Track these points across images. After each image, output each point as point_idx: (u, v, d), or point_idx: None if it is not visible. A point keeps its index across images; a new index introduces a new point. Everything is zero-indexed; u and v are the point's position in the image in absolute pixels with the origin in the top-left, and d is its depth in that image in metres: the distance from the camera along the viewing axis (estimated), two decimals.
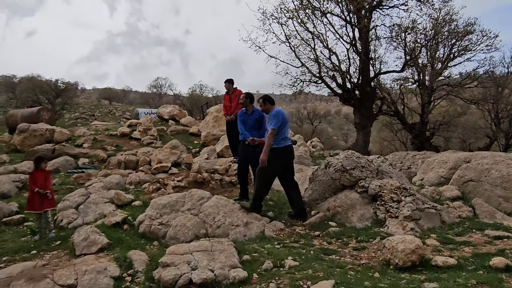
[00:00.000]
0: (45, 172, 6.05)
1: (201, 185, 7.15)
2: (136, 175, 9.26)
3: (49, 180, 6.00)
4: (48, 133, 14.73)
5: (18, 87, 57.96)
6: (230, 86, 8.79)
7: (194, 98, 57.95)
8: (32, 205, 5.80)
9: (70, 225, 6.27)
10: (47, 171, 6.20)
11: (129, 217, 5.90)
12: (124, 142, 14.73)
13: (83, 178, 9.96)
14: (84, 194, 7.20)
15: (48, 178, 5.99)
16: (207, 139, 14.11)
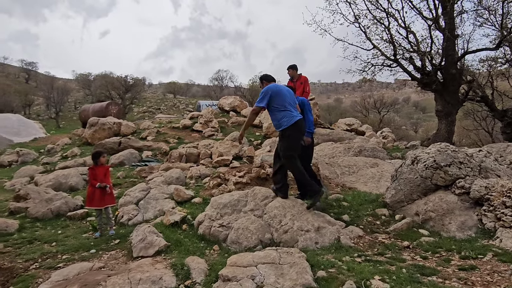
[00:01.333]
0: (105, 168, 5.82)
1: (265, 182, 6.52)
2: (197, 168, 8.92)
3: (108, 175, 5.76)
4: (115, 127, 15.16)
5: (93, 84, 62.46)
6: (294, 73, 8.01)
7: (255, 89, 57.90)
8: (92, 200, 5.60)
9: (130, 221, 6.02)
10: (107, 166, 5.97)
11: (188, 216, 5.46)
12: (186, 135, 14.67)
13: (145, 172, 9.89)
14: (145, 189, 6.95)
15: (107, 173, 5.76)
16: (269, 130, 13.49)
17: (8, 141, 16.13)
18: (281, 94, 5.00)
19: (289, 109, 4.94)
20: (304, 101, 5.59)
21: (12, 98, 54.02)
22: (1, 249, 5.16)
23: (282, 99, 4.97)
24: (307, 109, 5.49)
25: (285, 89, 5.14)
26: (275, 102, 4.97)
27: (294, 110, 5.00)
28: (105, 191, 5.59)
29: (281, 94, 5.01)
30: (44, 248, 5.13)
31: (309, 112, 5.49)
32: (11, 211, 6.71)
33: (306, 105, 5.53)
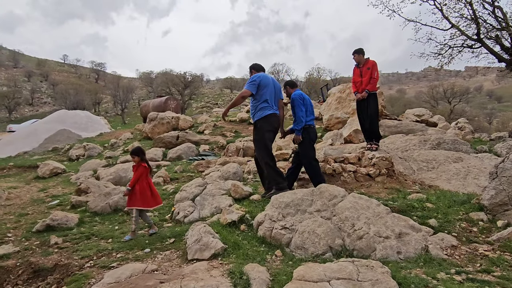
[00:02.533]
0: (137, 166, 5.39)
1: (331, 178, 5.83)
2: (253, 163, 8.44)
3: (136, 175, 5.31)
4: (174, 121, 15.28)
5: (155, 81, 65.34)
6: (360, 58, 7.16)
7: (312, 82, 56.59)
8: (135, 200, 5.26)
9: (186, 219, 5.69)
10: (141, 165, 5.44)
11: (246, 215, 4.97)
12: (243, 128, 14.34)
13: (202, 166, 9.66)
14: (201, 185, 6.61)
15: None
16: (330, 122, 12.65)
17: (77, 136, 17.04)
18: (268, 87, 5.17)
19: (270, 104, 5.17)
20: (292, 97, 5.45)
21: (83, 97, 58.30)
22: (60, 244, 5.08)
23: (267, 93, 5.14)
24: (295, 105, 5.35)
25: (272, 83, 5.28)
26: (260, 92, 5.14)
27: (274, 105, 5.24)
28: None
29: (268, 87, 5.17)
30: (100, 245, 4.95)
31: (297, 108, 5.33)
32: (73, 205, 6.75)
33: (294, 100, 5.39)
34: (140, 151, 5.40)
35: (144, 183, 5.31)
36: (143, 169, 5.33)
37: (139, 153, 5.37)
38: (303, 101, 5.37)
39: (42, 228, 5.58)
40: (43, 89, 68.36)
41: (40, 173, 10.65)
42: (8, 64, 78.53)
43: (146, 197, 5.27)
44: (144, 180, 5.33)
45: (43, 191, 8.61)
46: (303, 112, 5.31)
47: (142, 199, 5.23)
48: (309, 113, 5.38)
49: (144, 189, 5.27)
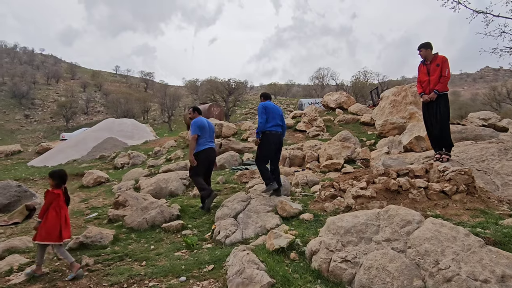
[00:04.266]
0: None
1: (396, 195, 4.92)
2: (303, 174, 7.67)
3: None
4: (217, 128, 14.87)
5: (200, 89, 66.54)
6: (428, 53, 6.17)
7: (358, 86, 54.64)
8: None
9: (228, 239, 5.04)
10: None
11: (297, 239, 4.22)
12: (289, 135, 13.57)
13: (246, 176, 9.03)
14: (244, 200, 5.96)
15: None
16: (385, 128, 11.55)
17: (123, 144, 17.20)
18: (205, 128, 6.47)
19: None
20: (258, 107, 6.17)
21: (133, 105, 60.65)
22: (91, 265, 4.62)
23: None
24: (258, 113, 6.10)
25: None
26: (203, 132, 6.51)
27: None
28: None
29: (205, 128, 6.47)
30: (133, 269, 4.43)
31: (258, 116, 6.04)
32: (110, 219, 6.37)
33: (258, 109, 6.14)
34: (57, 175, 4.48)
35: (53, 213, 4.35)
36: (51, 196, 4.36)
37: (54, 177, 4.48)
38: (265, 110, 5.96)
39: (75, 245, 5.19)
40: (97, 99, 72.07)
41: (85, 182, 10.60)
42: (66, 76, 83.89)
43: (53, 230, 4.28)
44: (53, 209, 4.36)
45: (84, 201, 8.41)
46: (263, 120, 5.92)
47: (49, 232, 4.29)
48: (270, 120, 5.96)
49: (51, 220, 4.32)
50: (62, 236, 4.37)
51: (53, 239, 4.33)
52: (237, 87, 60.19)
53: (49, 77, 77.66)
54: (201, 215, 6.49)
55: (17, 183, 8.38)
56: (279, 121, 6.05)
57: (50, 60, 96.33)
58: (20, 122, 59.59)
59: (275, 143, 5.98)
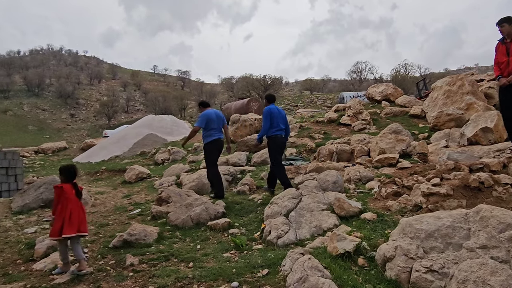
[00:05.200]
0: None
1: (477, 193, 4.24)
2: (355, 169, 7.07)
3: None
4: (256, 123, 14.48)
5: (235, 86, 66.75)
6: (511, 29, 5.33)
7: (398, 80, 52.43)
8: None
9: (280, 240, 4.59)
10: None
11: (363, 242, 3.68)
12: (333, 129, 12.93)
13: (291, 172, 8.54)
14: (295, 197, 5.48)
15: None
16: (439, 120, 10.64)
17: (163, 140, 17.24)
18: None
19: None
20: (263, 111, 6.50)
21: (171, 103, 61.87)
22: (136, 265, 4.33)
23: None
24: (263, 118, 6.43)
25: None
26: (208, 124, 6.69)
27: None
28: None
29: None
30: (180, 270, 4.09)
31: (263, 121, 6.41)
32: (153, 215, 6.11)
33: (263, 114, 6.48)
34: (66, 170, 4.26)
35: (60, 207, 4.16)
36: (58, 191, 4.16)
37: (62, 172, 4.27)
38: (270, 115, 6.28)
39: (119, 243, 4.94)
40: (136, 97, 74.22)
41: (127, 178, 10.55)
42: (108, 76, 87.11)
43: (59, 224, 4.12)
44: (64, 204, 4.14)
45: (127, 197, 8.28)
46: (267, 125, 6.30)
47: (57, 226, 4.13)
48: (274, 126, 6.32)
49: (60, 215, 4.14)
50: (63, 232, 4.12)
51: (51, 234, 4.14)
52: (272, 83, 59.79)
53: (92, 77, 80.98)
54: (248, 212, 6.09)
55: None
56: (282, 125, 6.42)
57: (92, 61, 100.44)
58: (66, 121, 62.54)
59: (279, 144, 6.42)
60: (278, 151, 6.43)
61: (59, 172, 4.32)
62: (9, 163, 9.77)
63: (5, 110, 58.76)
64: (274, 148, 6.39)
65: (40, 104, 65.50)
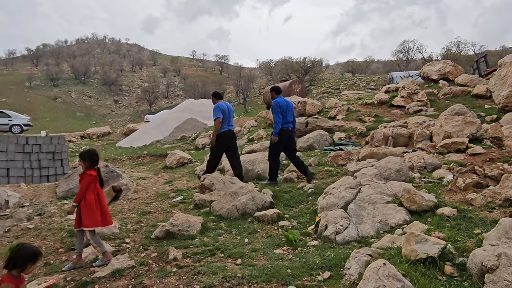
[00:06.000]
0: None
1: None
2: (418, 156, 6.28)
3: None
4: (300, 106, 13.80)
5: (274, 69, 65.72)
6: None
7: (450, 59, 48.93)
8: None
9: (339, 237, 4.01)
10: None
11: (448, 245, 3.02)
12: (384, 112, 11.98)
13: (342, 158, 7.87)
14: (353, 186, 4.85)
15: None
16: (511, 101, 9.41)
17: (203, 125, 17.01)
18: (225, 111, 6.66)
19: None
20: (272, 104, 6.54)
21: (209, 88, 62.08)
22: (179, 260, 3.94)
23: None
24: (273, 111, 6.42)
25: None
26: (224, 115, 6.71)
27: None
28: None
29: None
30: (227, 268, 3.64)
31: (274, 115, 6.40)
32: (196, 204, 5.73)
33: (272, 107, 6.50)
34: (89, 154, 3.94)
35: (92, 196, 3.89)
36: (88, 178, 3.86)
37: (86, 158, 3.91)
38: (279, 108, 6.29)
39: (161, 234, 4.59)
40: (176, 83, 75.36)
41: (168, 163, 10.36)
42: (149, 63, 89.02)
43: (93, 215, 3.86)
44: (92, 192, 3.89)
45: (169, 183, 8.01)
46: (280, 118, 6.28)
47: (89, 217, 3.84)
48: (285, 118, 6.35)
49: (90, 205, 3.85)
50: (107, 221, 3.98)
51: (96, 223, 3.87)
52: (312, 65, 58.11)
53: (133, 64, 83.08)
54: (298, 202, 5.54)
55: (105, 163, 8.26)
56: (289, 118, 6.48)
57: (134, 48, 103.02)
58: (111, 107, 64.81)
59: (287, 138, 6.42)
60: (282, 145, 6.41)
61: (81, 158, 3.95)
62: (55, 148, 9.85)
63: (55, 97, 61.79)
64: (280, 141, 6.35)
65: (86, 91, 68.29)
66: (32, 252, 2.62)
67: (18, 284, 2.45)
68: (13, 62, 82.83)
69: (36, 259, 2.63)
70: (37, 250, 2.71)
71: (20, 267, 2.52)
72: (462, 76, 13.60)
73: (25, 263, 2.54)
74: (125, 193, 7.34)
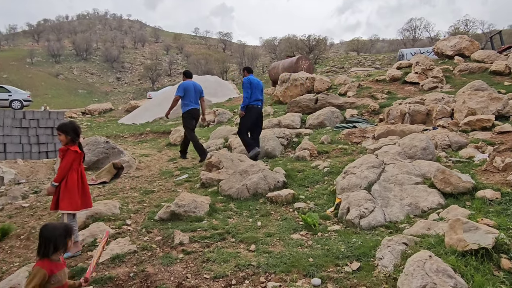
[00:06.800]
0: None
1: None
2: (441, 134, 5.81)
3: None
4: (308, 82, 13.22)
5: (278, 47, 64.38)
6: None
7: None
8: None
9: (363, 221, 3.60)
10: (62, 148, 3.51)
11: (501, 234, 2.59)
12: (397, 88, 11.42)
13: (356, 136, 7.41)
14: (376, 165, 4.40)
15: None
16: None
17: (207, 102, 16.46)
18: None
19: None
20: (243, 81, 6.68)
21: (212, 65, 61.07)
22: (186, 245, 3.56)
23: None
24: (243, 88, 6.56)
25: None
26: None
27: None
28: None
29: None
30: (239, 255, 3.25)
31: (243, 91, 6.56)
32: (203, 183, 5.32)
33: (243, 84, 6.67)
34: (72, 127, 3.42)
35: (75, 176, 3.41)
36: (73, 155, 3.36)
37: (68, 131, 3.38)
38: (250, 85, 6.40)
39: (165, 215, 4.19)
40: (178, 61, 74.12)
41: (172, 140, 9.93)
42: (151, 40, 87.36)
43: (73, 197, 3.39)
44: (75, 172, 3.42)
45: (173, 160, 7.60)
46: (248, 94, 6.39)
47: (68, 199, 3.37)
48: (253, 95, 6.41)
49: (72, 186, 3.38)
50: (87, 204, 3.56)
51: (75, 206, 3.41)
52: (317, 43, 56.85)
53: (135, 41, 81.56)
54: (313, 182, 5.11)
55: (105, 139, 7.83)
56: (259, 96, 6.59)
57: (136, 25, 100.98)
58: (113, 85, 64.01)
59: (255, 115, 6.55)
60: (252, 121, 6.55)
61: (61, 131, 3.40)
62: (54, 123, 9.40)
63: (57, 74, 60.98)
64: (250, 117, 6.49)
65: (88, 68, 67.33)
66: (63, 227, 2.18)
67: (53, 270, 2.04)
68: (14, 37, 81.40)
69: (71, 231, 2.21)
70: (66, 224, 2.28)
71: (63, 246, 2.09)
72: (479, 52, 12.91)
73: (65, 240, 2.11)
74: (127, 171, 6.94)
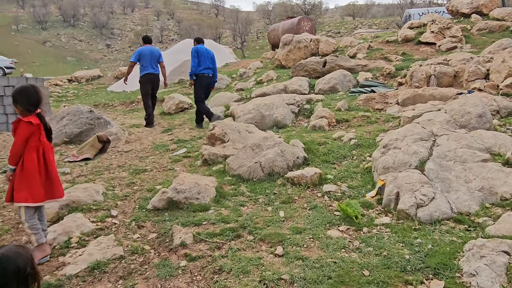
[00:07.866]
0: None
1: None
2: (487, 98, 4.89)
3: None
4: (312, 44, 12.06)
5: (272, 13, 62.00)
6: None
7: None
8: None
9: (423, 212, 2.74)
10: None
11: None
12: (411, 49, 10.36)
13: (377, 101, 6.48)
14: (424, 138, 3.50)
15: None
16: None
17: None
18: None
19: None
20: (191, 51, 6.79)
21: (205, 31, 58.67)
22: (189, 245, 2.70)
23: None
24: (191, 57, 6.71)
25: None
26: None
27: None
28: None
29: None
30: (263, 262, 2.41)
31: (191, 60, 6.68)
32: (205, 160, 4.40)
33: (191, 53, 6.74)
34: (24, 94, 2.48)
35: (34, 156, 2.48)
36: (26, 128, 2.43)
37: (18, 99, 2.47)
38: (197, 54, 6.58)
39: (161, 204, 3.30)
40: (170, 27, 71.19)
41: (165, 109, 8.92)
42: (141, 5, 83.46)
43: (33, 185, 2.49)
44: (34, 150, 2.48)
45: (168, 132, 6.65)
46: (196, 63, 6.57)
47: (26, 188, 2.48)
48: (202, 64, 6.55)
49: (29, 170, 2.47)
50: (54, 193, 2.64)
51: (37, 198, 2.51)
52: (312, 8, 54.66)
53: (125, 6, 77.83)
54: (339, 158, 4.21)
55: (89, 107, 6.81)
56: (210, 64, 6.65)
57: None
58: (103, 52, 61.48)
59: (206, 84, 6.66)
60: (204, 89, 6.66)
61: (12, 100, 2.48)
62: None
63: (44, 41, 58.22)
64: (201, 86, 6.59)
65: (76, 35, 64.39)
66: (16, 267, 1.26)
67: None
68: None
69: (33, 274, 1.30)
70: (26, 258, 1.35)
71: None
72: (498, 10, 11.76)
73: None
74: (114, 144, 5.96)
